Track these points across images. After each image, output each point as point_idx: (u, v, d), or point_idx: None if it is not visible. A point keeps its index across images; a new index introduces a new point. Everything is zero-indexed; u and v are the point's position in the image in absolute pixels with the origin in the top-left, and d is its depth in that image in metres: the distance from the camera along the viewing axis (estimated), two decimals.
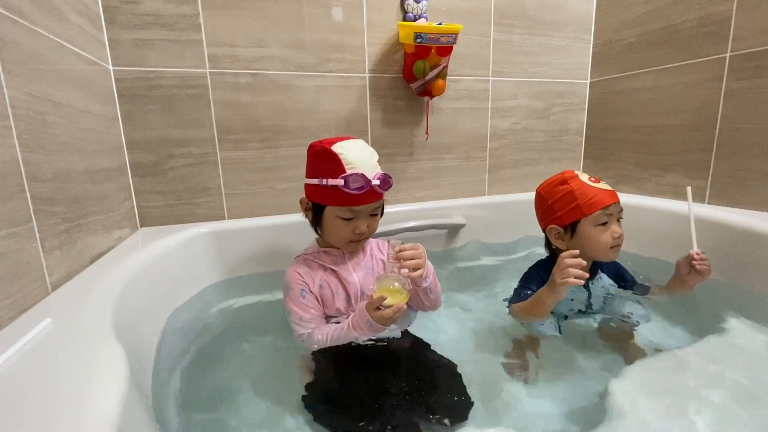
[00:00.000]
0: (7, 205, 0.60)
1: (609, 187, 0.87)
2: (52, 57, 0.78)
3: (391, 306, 0.69)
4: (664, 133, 1.42)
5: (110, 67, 1.10)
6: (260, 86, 1.26)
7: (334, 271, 0.83)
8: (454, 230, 1.48)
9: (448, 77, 1.39)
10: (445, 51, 1.29)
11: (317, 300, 0.80)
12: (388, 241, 0.74)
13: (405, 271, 0.71)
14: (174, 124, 1.19)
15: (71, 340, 0.53)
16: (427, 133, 1.47)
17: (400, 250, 0.72)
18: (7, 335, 0.53)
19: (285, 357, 0.87)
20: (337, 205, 0.77)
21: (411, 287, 0.74)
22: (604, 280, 0.95)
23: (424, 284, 0.77)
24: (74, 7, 0.90)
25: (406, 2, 1.34)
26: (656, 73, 1.42)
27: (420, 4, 1.35)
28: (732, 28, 1.19)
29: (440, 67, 1.32)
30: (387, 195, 1.49)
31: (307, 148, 0.83)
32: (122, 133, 1.14)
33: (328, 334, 0.76)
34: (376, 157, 0.81)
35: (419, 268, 0.73)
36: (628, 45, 1.51)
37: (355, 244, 0.83)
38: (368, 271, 0.86)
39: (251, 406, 0.74)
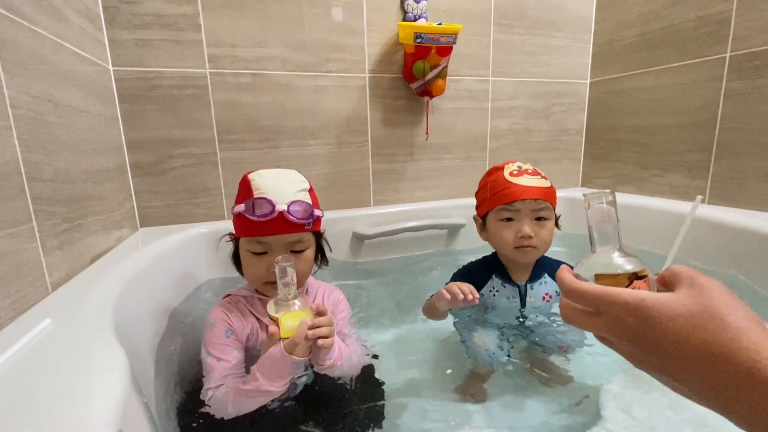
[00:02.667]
0: (7, 205, 0.60)
1: (540, 183, 0.80)
2: (52, 57, 0.78)
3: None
4: (664, 133, 1.42)
5: (110, 67, 1.10)
6: (260, 86, 1.26)
7: (263, 323, 0.71)
8: (454, 230, 1.48)
9: (448, 77, 1.39)
10: (445, 51, 1.29)
11: (242, 350, 0.69)
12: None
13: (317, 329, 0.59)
14: (174, 124, 1.19)
15: (71, 340, 0.53)
16: (427, 133, 1.47)
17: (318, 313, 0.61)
18: (7, 335, 0.53)
19: None
20: (244, 235, 0.67)
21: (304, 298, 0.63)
22: (548, 286, 0.85)
23: (328, 362, 0.63)
24: (74, 7, 0.90)
25: (406, 2, 1.34)
26: (656, 73, 1.42)
27: (420, 4, 1.35)
28: (732, 28, 1.19)
29: (440, 67, 1.32)
30: (388, 195, 1.47)
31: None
32: (122, 133, 1.14)
33: (230, 393, 0.61)
34: (301, 186, 0.68)
35: (329, 337, 0.61)
36: (628, 45, 1.51)
37: (273, 288, 0.65)
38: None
39: None
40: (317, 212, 0.68)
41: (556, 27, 1.60)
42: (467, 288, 0.71)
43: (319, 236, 0.74)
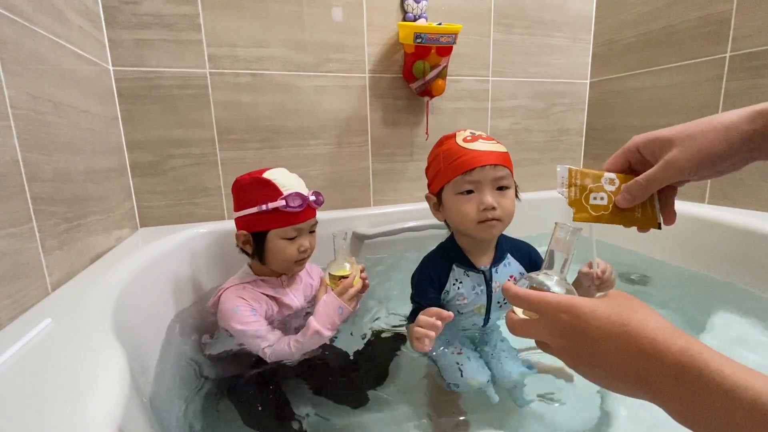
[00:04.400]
0: (7, 205, 0.60)
1: (497, 148, 0.72)
2: (52, 57, 0.78)
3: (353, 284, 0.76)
4: None
5: (110, 67, 1.10)
6: (260, 86, 1.26)
7: (275, 298, 0.84)
8: None
9: (448, 77, 1.39)
10: (445, 51, 1.29)
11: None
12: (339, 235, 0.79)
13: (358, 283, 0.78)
14: (174, 124, 1.19)
15: (71, 340, 0.53)
16: (427, 133, 1.47)
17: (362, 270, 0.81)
18: (7, 335, 0.53)
19: None
20: (281, 226, 0.79)
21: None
22: (512, 268, 0.78)
23: (357, 308, 0.81)
24: (74, 7, 0.90)
25: (406, 2, 1.34)
26: (656, 73, 1.42)
27: (420, 4, 1.35)
28: (732, 28, 1.19)
29: (440, 67, 1.32)
30: (388, 195, 1.50)
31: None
32: (122, 133, 1.14)
33: (291, 343, 0.73)
34: (302, 181, 0.86)
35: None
36: (628, 45, 1.51)
37: (300, 265, 0.84)
38: (307, 294, 0.91)
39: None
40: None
41: (556, 27, 1.60)
42: (433, 320, 0.62)
43: None
